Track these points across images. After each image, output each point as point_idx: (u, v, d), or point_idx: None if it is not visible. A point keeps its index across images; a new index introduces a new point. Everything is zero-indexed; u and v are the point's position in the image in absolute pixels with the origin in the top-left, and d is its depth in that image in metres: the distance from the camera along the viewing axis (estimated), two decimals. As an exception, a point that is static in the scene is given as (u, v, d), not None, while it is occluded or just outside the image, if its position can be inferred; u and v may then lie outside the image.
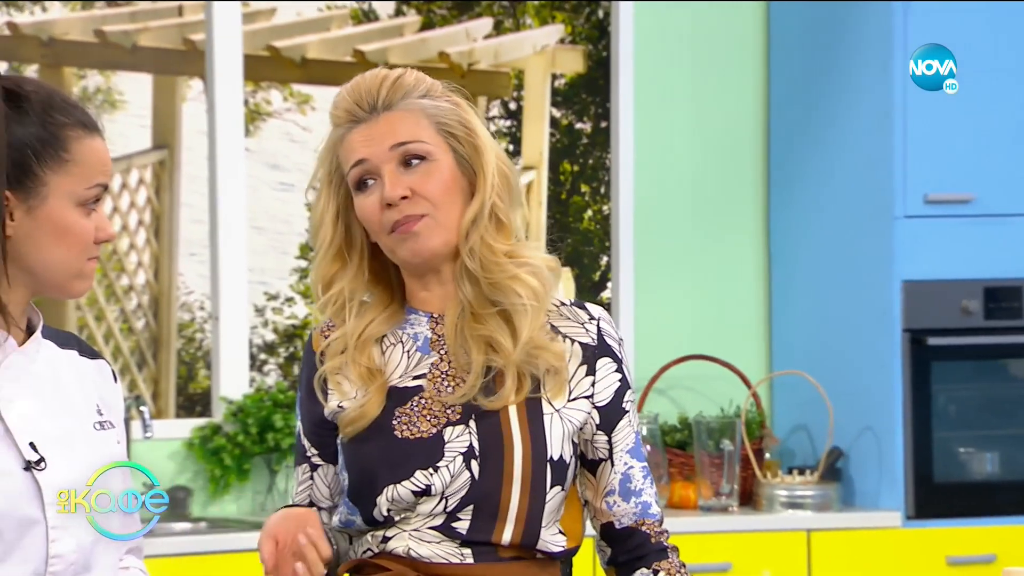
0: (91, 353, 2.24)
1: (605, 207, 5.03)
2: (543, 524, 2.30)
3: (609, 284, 5.02)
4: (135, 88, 4.58)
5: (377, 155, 2.29)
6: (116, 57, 4.56)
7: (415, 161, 2.30)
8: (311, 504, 2.39)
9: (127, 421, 4.44)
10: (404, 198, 2.29)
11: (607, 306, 5.01)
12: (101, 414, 2.18)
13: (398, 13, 4.85)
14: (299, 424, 2.40)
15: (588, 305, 2.40)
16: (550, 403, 2.32)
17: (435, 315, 2.36)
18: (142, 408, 4.39)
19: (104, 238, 2.12)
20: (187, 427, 4.59)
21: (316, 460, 2.38)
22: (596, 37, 5.02)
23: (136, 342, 4.60)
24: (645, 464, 2.37)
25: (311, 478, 2.40)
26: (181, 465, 4.58)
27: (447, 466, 2.28)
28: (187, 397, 4.65)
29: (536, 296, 2.32)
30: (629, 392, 2.37)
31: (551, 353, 2.31)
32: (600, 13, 5.03)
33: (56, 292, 2.13)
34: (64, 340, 2.22)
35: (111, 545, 2.15)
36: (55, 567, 2.07)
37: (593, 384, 2.35)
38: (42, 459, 2.07)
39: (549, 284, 2.34)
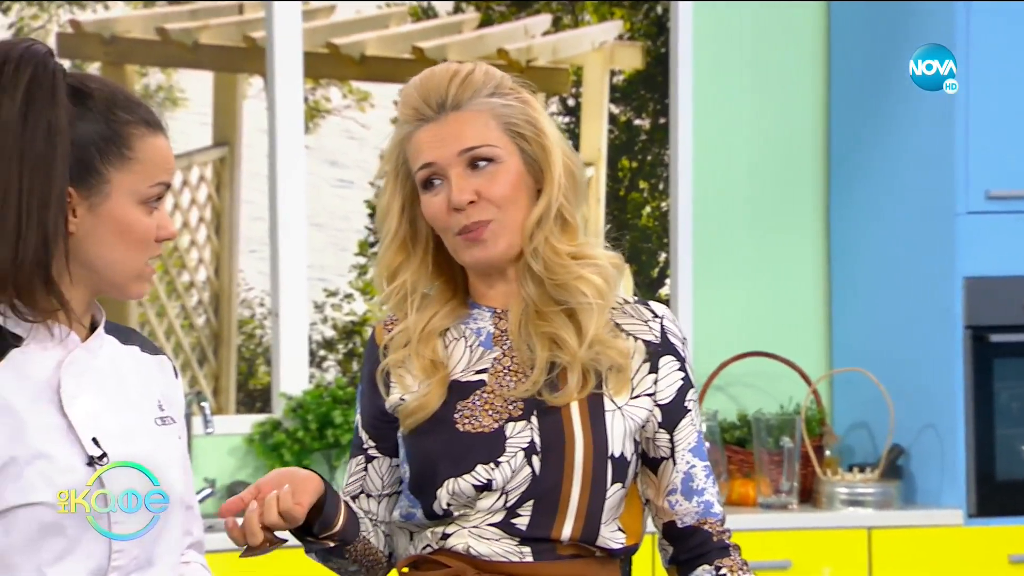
0: (153, 349, 2.25)
1: (663, 204, 5.03)
2: (603, 521, 2.30)
3: (667, 281, 5.03)
4: (196, 86, 4.62)
5: (445, 158, 2.30)
6: (177, 55, 4.61)
7: (482, 163, 2.30)
8: (365, 496, 2.40)
9: (188, 417, 4.46)
10: (471, 203, 2.29)
11: (665, 303, 5.00)
12: (162, 409, 2.18)
13: (457, 10, 4.87)
14: (358, 417, 2.40)
15: (652, 303, 2.39)
16: (612, 400, 2.31)
17: (498, 310, 2.36)
18: (203, 404, 4.44)
19: (165, 236, 2.12)
20: (247, 423, 4.62)
21: (373, 452, 2.39)
22: (655, 33, 5.02)
23: (197, 338, 4.64)
24: (707, 463, 2.36)
25: (365, 469, 2.40)
26: (241, 461, 4.60)
27: (508, 461, 2.28)
28: (247, 393, 4.68)
29: (601, 294, 2.31)
30: (692, 391, 2.36)
31: (615, 351, 2.31)
32: (659, 9, 5.03)
33: (116, 292, 2.13)
34: (126, 336, 2.22)
35: (172, 540, 2.15)
36: (117, 562, 2.08)
37: (656, 382, 2.34)
38: (104, 454, 2.07)
39: (613, 281, 2.34)
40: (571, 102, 4.96)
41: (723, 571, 2.32)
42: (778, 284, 5.05)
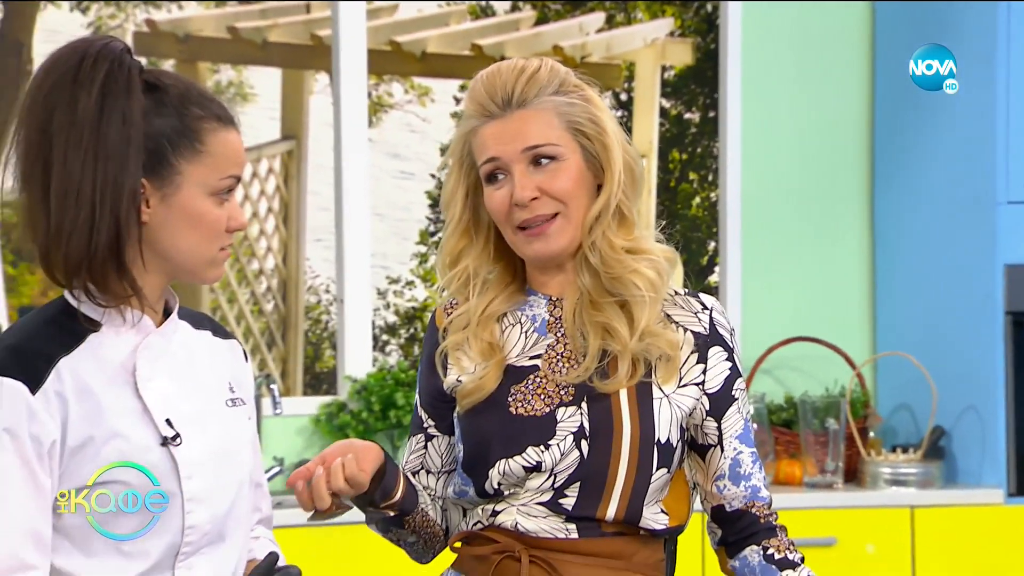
0: (224, 334, 2.26)
1: (713, 194, 5.03)
2: (645, 503, 2.30)
3: (716, 269, 5.02)
4: (265, 82, 4.62)
5: (508, 155, 2.30)
6: (247, 52, 4.60)
7: (544, 161, 2.30)
8: (425, 473, 2.42)
9: (258, 398, 4.49)
10: (534, 199, 2.29)
11: (715, 290, 5.01)
12: (233, 391, 2.20)
13: (514, 8, 4.86)
14: (418, 396, 2.41)
15: (702, 295, 2.39)
16: (660, 388, 2.31)
17: (553, 298, 2.36)
18: (272, 386, 4.44)
19: (236, 227, 2.13)
20: (314, 404, 4.62)
21: (432, 431, 2.40)
22: (704, 30, 5.01)
23: (266, 323, 4.65)
24: (754, 450, 2.37)
25: (424, 447, 2.41)
26: (308, 440, 4.60)
27: (558, 444, 2.29)
28: (314, 376, 4.68)
29: (654, 287, 2.31)
30: (739, 380, 2.37)
31: (665, 341, 2.31)
32: (708, 7, 5.03)
33: (189, 277, 2.14)
34: (199, 321, 2.24)
35: (242, 516, 2.17)
36: (190, 537, 2.10)
37: (704, 372, 2.35)
38: (177, 435, 2.09)
39: (666, 275, 2.34)
40: (624, 96, 4.95)
41: (770, 551, 2.32)
42: (823, 271, 5.05)
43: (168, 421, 2.09)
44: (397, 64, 4.72)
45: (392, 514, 2.33)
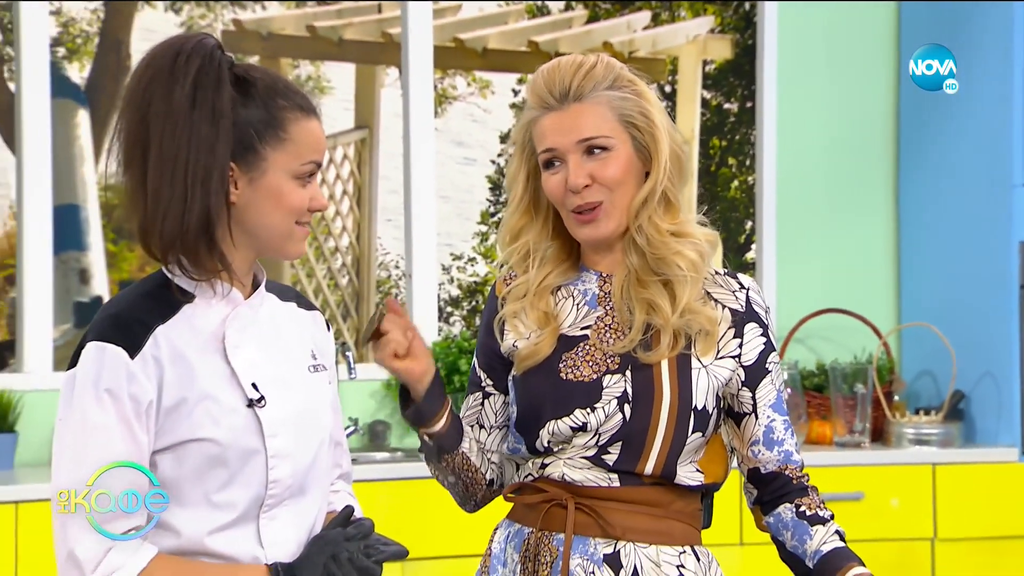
0: (307, 305, 2.26)
1: (750, 178, 5.02)
2: (680, 462, 2.31)
3: (753, 246, 5.01)
4: (340, 76, 4.63)
5: (564, 146, 2.31)
6: (324, 49, 4.62)
7: (597, 151, 2.30)
8: (478, 427, 2.42)
9: (335, 364, 4.53)
10: (586, 186, 2.30)
11: (751, 265, 5.00)
12: (315, 358, 2.20)
13: (567, 8, 4.85)
14: (476, 359, 2.42)
15: (740, 276, 2.39)
16: (699, 360, 2.32)
17: (604, 274, 2.36)
18: (347, 354, 4.43)
19: (317, 207, 2.13)
20: (385, 370, 4.63)
21: (489, 389, 2.41)
22: (743, 27, 5.00)
23: (341, 296, 4.67)
24: (787, 418, 2.36)
25: (481, 404, 2.41)
26: (380, 403, 4.63)
27: (603, 407, 2.30)
28: None
29: (695, 268, 2.31)
30: (773, 354, 2.36)
31: (705, 318, 2.31)
32: (747, 6, 5.00)
33: (274, 253, 2.14)
34: (284, 293, 2.25)
35: (323, 471, 2.18)
36: (273, 490, 2.11)
37: (740, 346, 2.34)
38: (262, 397, 2.09)
39: (707, 257, 2.34)
40: (668, 89, 4.95)
41: (802, 508, 2.33)
42: (852, 248, 5.03)
43: (254, 385, 2.10)
44: (460, 59, 4.74)
45: (429, 442, 2.34)
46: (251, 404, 2.09)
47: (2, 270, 4.32)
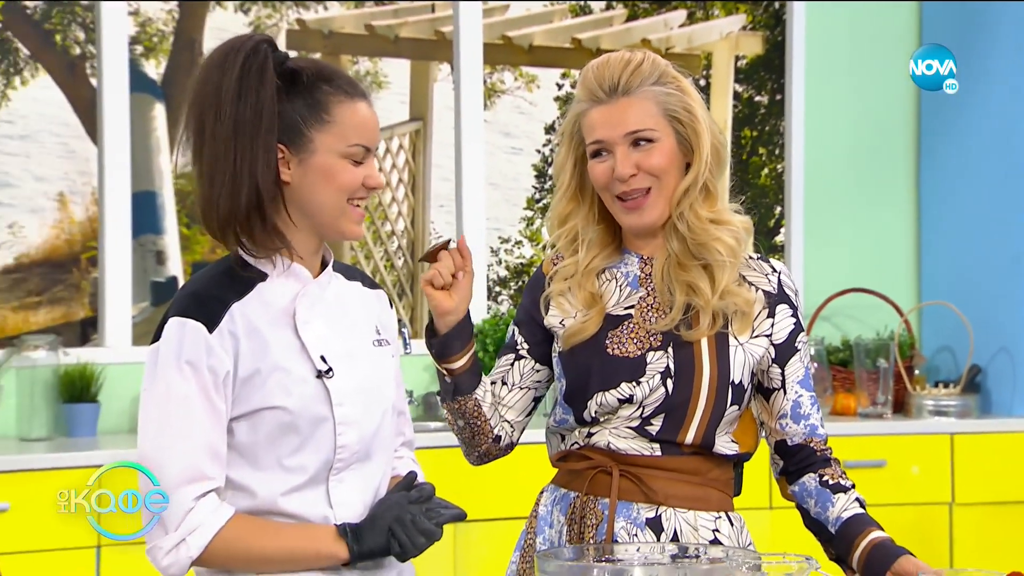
0: (372, 284, 2.29)
1: (779, 166, 5.01)
2: (717, 433, 2.32)
3: (782, 230, 5.00)
4: (396, 71, 4.64)
5: (612, 138, 2.31)
6: (381, 46, 4.63)
7: (643, 143, 2.31)
8: (501, 383, 2.41)
9: None
10: (632, 175, 2.30)
11: (780, 248, 4.98)
12: (379, 333, 2.22)
13: (608, 7, 4.85)
14: (516, 326, 2.42)
15: (772, 260, 2.39)
16: (735, 338, 2.32)
17: (645, 257, 2.37)
18: (403, 330, 4.41)
19: (372, 185, 2.12)
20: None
21: (522, 352, 2.41)
22: (772, 24, 5.00)
23: (397, 277, 4.67)
24: (813, 394, 2.37)
25: (511, 364, 2.41)
26: (433, 376, 4.56)
27: (647, 381, 2.31)
28: None
29: (733, 253, 2.32)
30: (802, 334, 2.36)
31: (742, 299, 2.32)
32: (777, 4, 5.00)
33: (332, 233, 2.14)
34: (351, 273, 2.26)
35: (386, 438, 2.19)
36: (341, 455, 2.13)
37: (772, 325, 2.35)
38: (331, 369, 2.11)
39: (743, 243, 2.34)
40: (702, 82, 4.93)
41: (825, 477, 2.33)
42: (875, 231, 5.02)
43: (322, 357, 2.11)
44: (508, 56, 4.74)
45: (447, 379, 2.34)
46: (320, 375, 2.11)
47: (85, 252, 4.37)
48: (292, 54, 2.14)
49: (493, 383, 2.41)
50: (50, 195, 4.31)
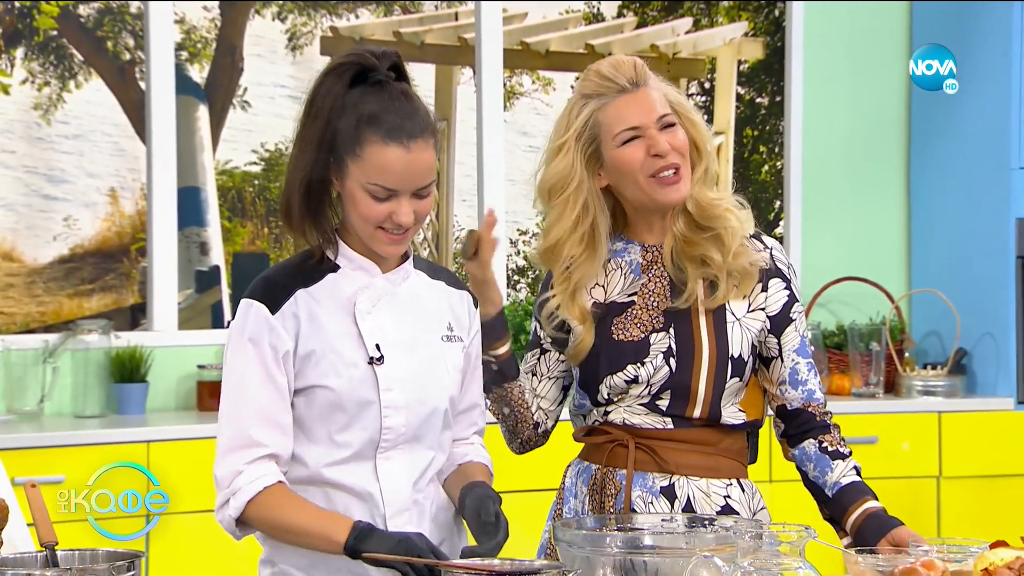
0: (458, 284, 2.26)
1: (778, 163, 4.99)
2: (723, 404, 2.33)
3: (781, 223, 4.97)
4: (422, 75, 4.61)
5: (647, 122, 2.30)
6: (408, 51, 4.58)
7: (668, 127, 2.32)
8: (532, 375, 2.42)
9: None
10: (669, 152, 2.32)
11: (780, 240, 4.98)
12: (451, 330, 2.20)
13: (619, 15, 4.83)
14: (534, 321, 2.43)
15: (764, 237, 2.40)
16: (733, 313, 2.33)
17: (647, 245, 2.37)
18: None
19: (389, 226, 2.10)
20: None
21: (546, 346, 2.42)
22: (773, 31, 4.96)
23: None
24: (810, 360, 2.36)
25: (539, 358, 2.42)
26: None
27: (651, 361, 2.32)
28: None
29: (740, 220, 2.34)
30: (796, 304, 2.36)
31: (751, 256, 2.33)
32: (776, 12, 4.98)
33: (368, 245, 2.15)
34: (435, 272, 2.25)
35: (436, 426, 2.18)
36: (387, 436, 2.14)
37: (766, 298, 2.35)
38: (382, 357, 2.13)
39: (744, 215, 2.37)
40: (707, 85, 4.91)
41: (824, 444, 2.34)
42: (868, 224, 4.98)
43: (377, 345, 2.12)
44: (526, 60, 4.72)
45: (494, 365, 2.34)
46: (371, 361, 2.12)
47: (134, 243, 4.38)
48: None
49: (526, 374, 2.42)
50: (102, 190, 4.32)
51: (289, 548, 2.12)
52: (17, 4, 4.22)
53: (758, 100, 4.97)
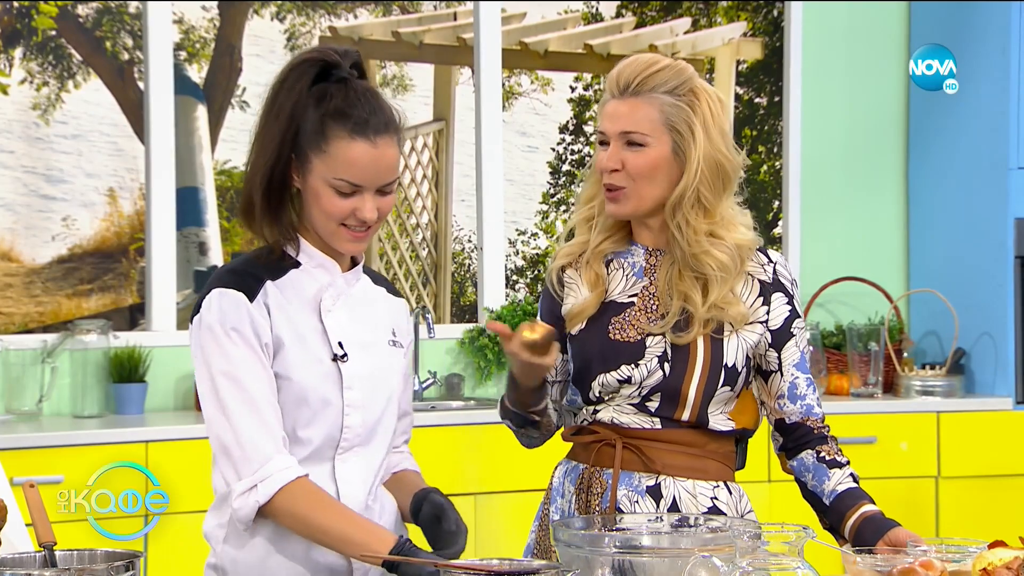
0: (395, 292, 2.29)
1: (777, 163, 4.99)
2: (710, 412, 2.34)
3: (780, 223, 4.98)
4: (420, 75, 4.63)
5: (610, 132, 2.32)
6: (407, 52, 4.61)
7: (634, 145, 2.30)
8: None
9: (415, 326, 4.50)
10: (615, 171, 2.30)
11: (778, 240, 4.97)
12: (394, 336, 2.23)
13: (618, 15, 4.83)
14: (539, 319, 2.44)
15: (770, 252, 2.38)
16: (730, 326, 2.32)
17: (650, 248, 2.37)
18: (427, 316, 4.43)
19: (361, 218, 2.09)
20: (459, 330, 4.63)
21: None
22: (771, 31, 4.97)
23: (421, 266, 4.66)
24: (809, 376, 2.37)
25: None
26: (455, 358, 4.63)
27: (646, 364, 2.32)
28: (459, 308, 4.70)
29: (725, 269, 2.29)
30: (798, 320, 2.36)
31: (733, 312, 2.31)
32: (775, 12, 4.98)
33: (329, 243, 2.13)
34: (377, 279, 2.27)
35: (388, 426, 2.20)
36: (347, 435, 2.13)
37: (767, 312, 2.34)
38: (346, 354, 2.12)
39: (737, 261, 2.31)
40: None
41: (822, 454, 2.34)
42: (867, 224, 4.99)
43: (340, 343, 2.12)
44: (525, 60, 4.72)
45: (536, 419, 2.36)
46: (335, 359, 2.12)
47: (133, 243, 4.38)
48: (347, 74, 2.08)
49: None
50: (101, 190, 4.32)
51: (248, 565, 2.09)
52: (16, 4, 4.22)
53: (757, 100, 4.97)
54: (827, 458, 2.33)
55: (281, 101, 2.06)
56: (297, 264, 2.14)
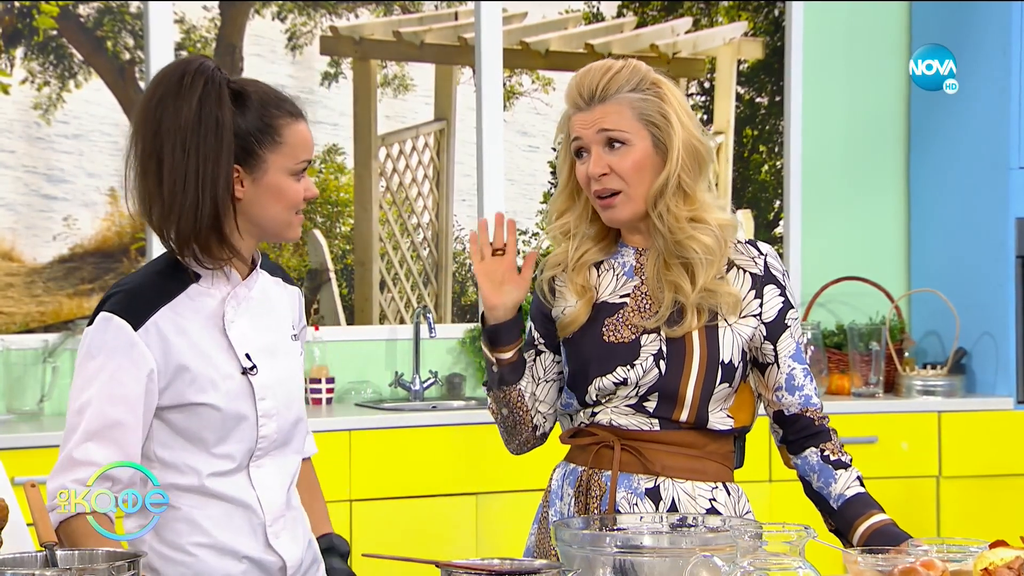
0: (290, 281, 2.28)
1: (778, 163, 4.99)
2: (710, 410, 2.33)
3: (781, 222, 4.98)
4: (421, 75, 4.63)
5: (588, 136, 2.30)
6: (408, 51, 4.61)
7: (616, 144, 2.29)
8: (531, 379, 2.42)
9: (416, 325, 4.37)
10: (604, 174, 2.30)
11: (779, 239, 4.98)
12: (294, 328, 2.22)
13: (619, 14, 4.83)
14: (531, 322, 2.44)
15: (760, 244, 2.38)
16: (725, 320, 2.32)
17: (640, 249, 2.37)
18: (428, 315, 4.43)
19: (310, 196, 2.14)
20: (460, 330, 4.63)
21: (541, 347, 2.41)
22: (772, 31, 4.97)
23: (423, 266, 4.66)
24: (806, 366, 2.36)
25: (535, 360, 2.41)
26: (457, 358, 4.62)
27: (641, 364, 2.32)
28: (460, 307, 4.70)
29: (710, 251, 2.30)
30: (792, 311, 2.35)
31: (724, 293, 2.31)
32: (776, 12, 4.98)
33: (275, 239, 2.16)
34: (272, 269, 2.26)
35: (302, 427, 2.22)
36: (262, 444, 2.15)
37: (760, 305, 2.34)
38: (255, 366, 2.13)
39: (723, 241, 2.32)
40: (707, 84, 4.92)
41: (826, 453, 2.33)
42: (868, 223, 4.99)
43: (247, 355, 2.12)
44: (526, 60, 4.72)
45: (496, 368, 2.35)
46: (245, 372, 2.12)
47: (134, 243, 4.37)
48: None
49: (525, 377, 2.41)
50: (102, 190, 4.33)
51: (177, 562, 2.11)
52: (17, 4, 4.23)
53: (758, 100, 4.97)
54: (832, 458, 2.33)
55: (207, 119, 2.03)
56: (196, 277, 2.13)
